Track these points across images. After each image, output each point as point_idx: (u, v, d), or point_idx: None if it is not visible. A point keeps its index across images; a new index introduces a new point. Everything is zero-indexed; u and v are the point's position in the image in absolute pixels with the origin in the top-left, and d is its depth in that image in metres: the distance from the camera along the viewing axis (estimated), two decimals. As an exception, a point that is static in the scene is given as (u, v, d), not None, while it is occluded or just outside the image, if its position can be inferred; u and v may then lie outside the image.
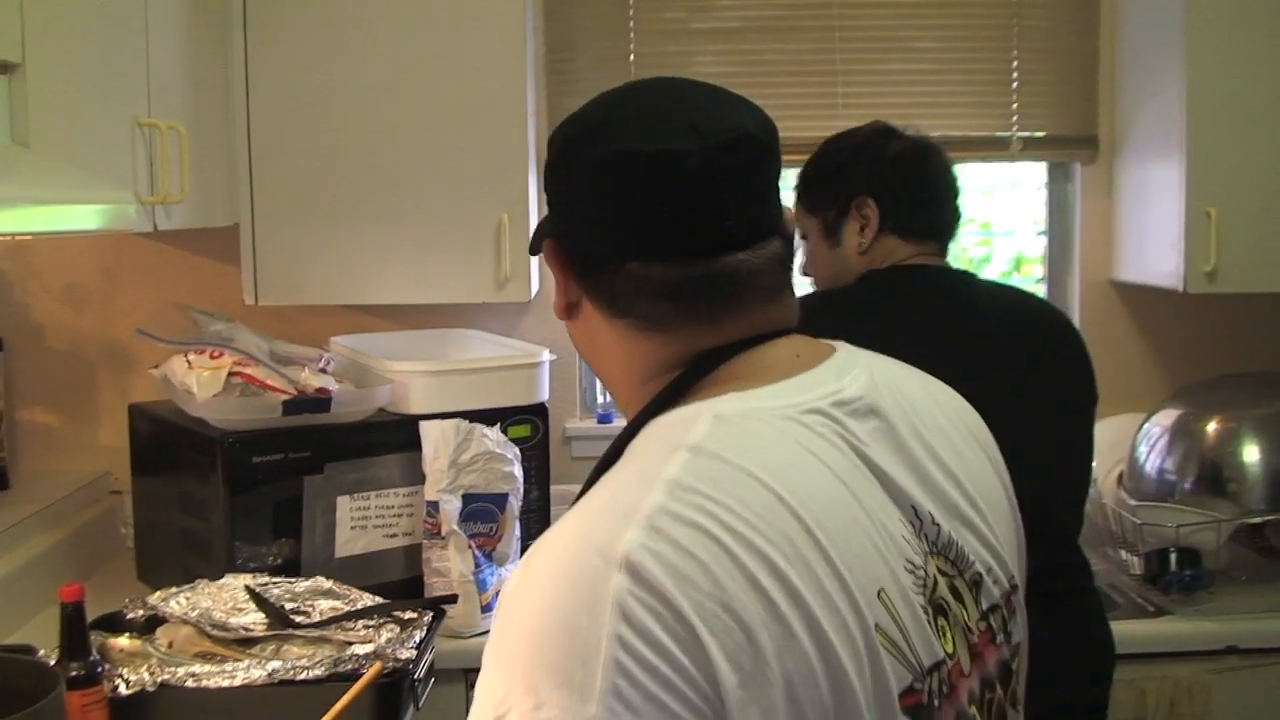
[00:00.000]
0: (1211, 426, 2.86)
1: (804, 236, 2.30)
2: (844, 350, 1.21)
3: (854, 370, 1.17)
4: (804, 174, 2.33)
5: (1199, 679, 2.61)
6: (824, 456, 1.06)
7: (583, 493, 1.09)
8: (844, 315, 2.08)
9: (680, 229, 1.12)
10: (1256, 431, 2.80)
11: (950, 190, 2.30)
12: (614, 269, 1.15)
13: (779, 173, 1.20)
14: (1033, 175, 3.59)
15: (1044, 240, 3.57)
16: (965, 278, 2.32)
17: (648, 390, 1.16)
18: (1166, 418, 2.95)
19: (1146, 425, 2.96)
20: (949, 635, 1.10)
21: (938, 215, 2.28)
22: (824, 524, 1.01)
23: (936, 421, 1.21)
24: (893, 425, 1.15)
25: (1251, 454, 2.78)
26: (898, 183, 2.24)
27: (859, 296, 2.20)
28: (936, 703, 1.06)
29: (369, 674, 1.94)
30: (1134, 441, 2.97)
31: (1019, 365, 2.14)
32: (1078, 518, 2.17)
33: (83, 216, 1.91)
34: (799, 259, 2.28)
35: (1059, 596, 2.09)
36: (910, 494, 1.12)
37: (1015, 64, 3.39)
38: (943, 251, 2.29)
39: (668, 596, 0.93)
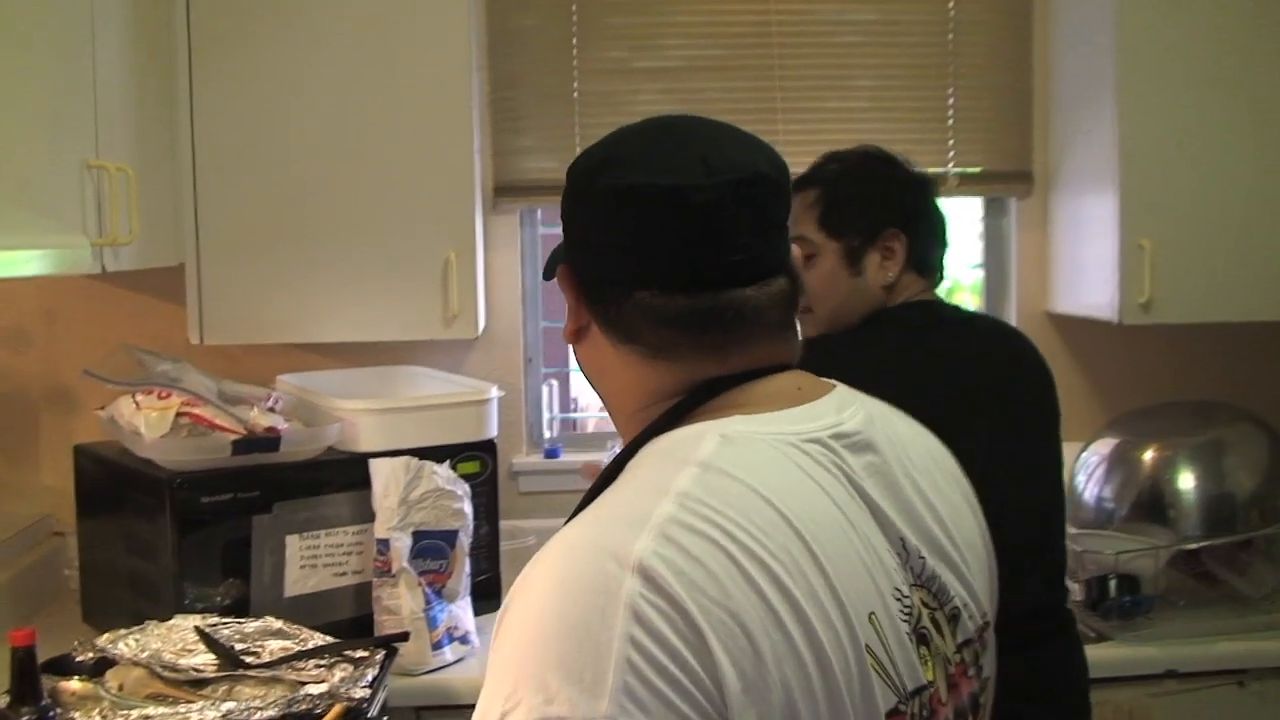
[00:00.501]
0: (1148, 455, 2.92)
1: (809, 256, 2.18)
2: (842, 388, 1.25)
3: (852, 407, 1.21)
4: (828, 194, 2.21)
5: (1139, 703, 2.66)
6: (822, 482, 1.10)
7: (581, 507, 1.11)
8: (875, 354, 2.11)
9: (687, 262, 1.16)
10: (1192, 459, 2.86)
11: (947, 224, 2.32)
12: (622, 297, 1.18)
13: (788, 212, 1.24)
14: (968, 209, 3.65)
15: (980, 273, 3.63)
16: (961, 312, 2.37)
17: (649, 414, 1.19)
18: (1104, 446, 3.01)
19: (1084, 454, 3.02)
20: (930, 664, 1.14)
21: (944, 251, 2.29)
22: (822, 544, 1.05)
23: (925, 463, 1.25)
24: (886, 461, 1.18)
25: (1187, 481, 2.83)
26: (923, 217, 2.23)
27: (884, 339, 2.18)
28: None
29: (331, 715, 1.94)
30: (1072, 470, 3.01)
31: (1019, 400, 2.19)
32: (1064, 549, 2.21)
33: (35, 260, 1.91)
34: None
35: (1055, 633, 2.14)
36: (899, 527, 1.16)
37: (951, 101, 3.45)
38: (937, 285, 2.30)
39: (678, 600, 0.96)
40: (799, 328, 2.25)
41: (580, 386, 4.50)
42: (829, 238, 2.18)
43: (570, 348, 1.31)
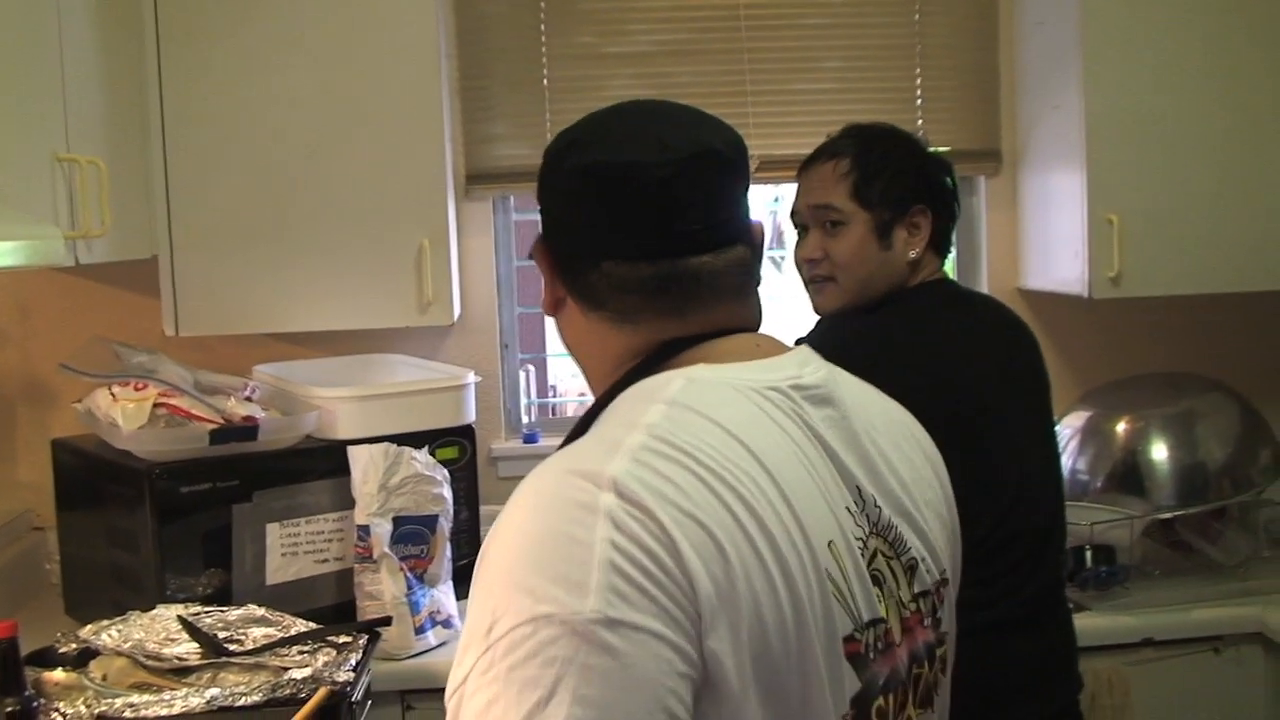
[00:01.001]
0: (1121, 426, 2.95)
1: (836, 223, 2.18)
2: (804, 349, 1.30)
3: (812, 364, 1.26)
4: (862, 165, 2.19)
5: (1118, 671, 2.69)
6: (782, 424, 1.17)
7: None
8: (911, 336, 2.14)
9: (645, 232, 1.23)
10: (1164, 430, 2.89)
11: None
12: (589, 268, 1.26)
13: (746, 186, 1.30)
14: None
15: (952, 251, 3.64)
16: (968, 291, 2.44)
17: (618, 374, 1.26)
18: (1077, 419, 3.04)
19: (1058, 427, 3.04)
20: (884, 604, 1.19)
21: (954, 226, 2.30)
22: (783, 474, 1.11)
23: (886, 425, 1.31)
24: (845, 416, 1.24)
25: (1160, 451, 2.86)
26: (944, 196, 2.25)
27: (916, 320, 2.18)
28: (873, 655, 1.16)
29: (316, 698, 1.95)
30: (1046, 444, 3.04)
31: (1031, 378, 2.22)
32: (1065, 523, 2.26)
33: (9, 252, 1.91)
34: (817, 246, 2.21)
35: (1061, 605, 2.18)
36: (856, 476, 1.21)
37: (919, 81, 3.47)
38: None
39: (650, 510, 1.03)
40: (819, 298, 2.27)
41: (557, 372, 4.52)
42: (860, 208, 2.17)
43: (550, 324, 1.38)
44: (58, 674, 2.11)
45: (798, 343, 1.34)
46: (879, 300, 2.19)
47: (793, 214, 2.29)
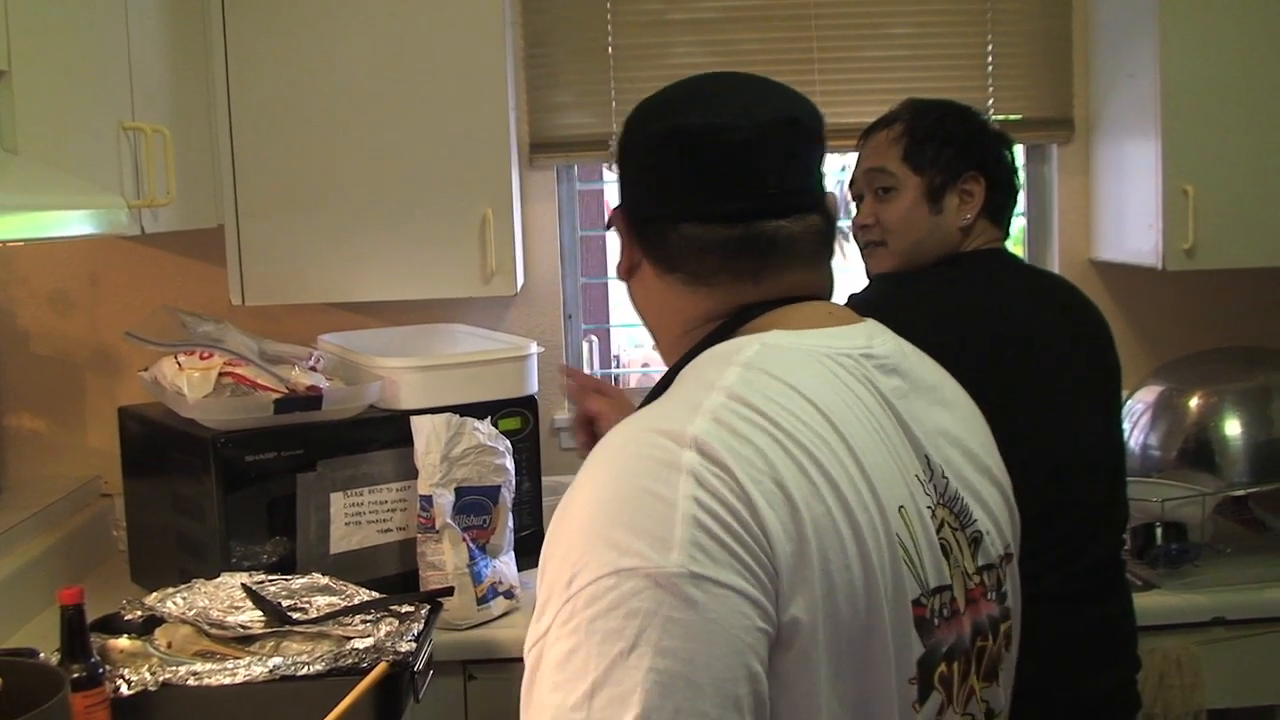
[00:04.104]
0: (1194, 401, 2.90)
1: (888, 189, 2.19)
2: (872, 322, 1.32)
3: (882, 335, 1.28)
4: (913, 130, 2.20)
5: (1187, 651, 2.64)
6: (854, 389, 1.19)
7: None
8: (957, 296, 2.11)
9: (725, 194, 1.26)
10: (1238, 405, 2.84)
11: None
12: (667, 230, 1.29)
13: (822, 157, 1.35)
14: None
15: (1022, 221, 3.59)
16: (1028, 265, 2.42)
17: (692, 337, 1.30)
18: (1149, 394, 2.99)
19: (1129, 402, 2.99)
20: (949, 573, 1.20)
21: (1014, 208, 2.28)
22: (856, 439, 1.13)
23: (951, 399, 1.33)
24: (914, 387, 1.26)
25: (1233, 427, 2.81)
26: (1001, 167, 2.22)
27: (966, 282, 2.16)
28: (937, 622, 1.17)
29: (375, 673, 1.95)
30: (1117, 419, 3.00)
31: (1091, 355, 2.19)
32: (1127, 504, 2.22)
33: (74, 221, 1.92)
34: (869, 212, 2.21)
35: (1117, 584, 2.15)
36: (925, 447, 1.23)
37: (990, 48, 3.41)
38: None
39: (730, 469, 1.06)
40: (871, 261, 2.27)
41: (620, 343, 4.51)
42: (911, 172, 2.18)
43: (613, 295, 1.37)
44: (123, 641, 2.13)
45: (848, 300, 1.34)
46: (930, 265, 2.19)
47: (850, 184, 2.29)
